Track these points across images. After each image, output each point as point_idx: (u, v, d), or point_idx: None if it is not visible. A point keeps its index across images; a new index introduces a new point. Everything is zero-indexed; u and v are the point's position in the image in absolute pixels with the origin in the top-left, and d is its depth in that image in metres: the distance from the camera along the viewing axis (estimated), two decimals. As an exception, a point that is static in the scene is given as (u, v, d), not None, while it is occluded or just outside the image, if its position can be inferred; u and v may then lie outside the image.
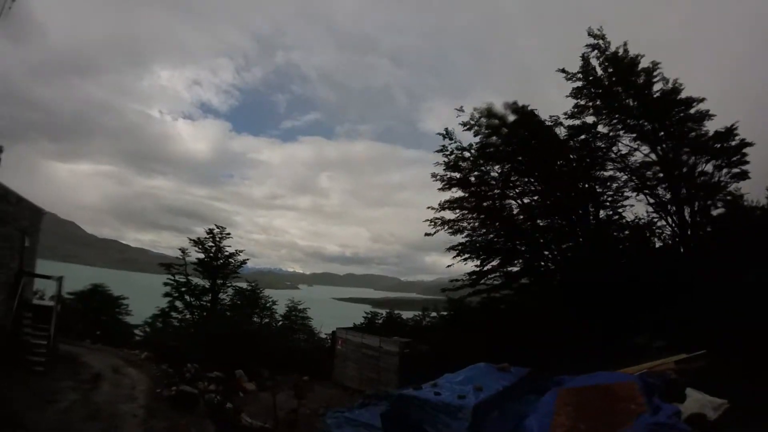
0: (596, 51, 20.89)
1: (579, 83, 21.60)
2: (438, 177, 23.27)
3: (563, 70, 21.70)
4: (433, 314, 30.29)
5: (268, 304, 30.34)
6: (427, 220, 22.71)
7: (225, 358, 16.01)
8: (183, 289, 27.76)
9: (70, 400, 11.68)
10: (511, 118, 22.21)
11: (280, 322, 29.97)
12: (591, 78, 21.31)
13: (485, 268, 21.95)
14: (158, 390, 13.84)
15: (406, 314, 34.27)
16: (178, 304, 27.76)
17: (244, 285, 30.19)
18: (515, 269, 22.47)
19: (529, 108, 21.91)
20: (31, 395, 11.24)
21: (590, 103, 21.58)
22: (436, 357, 16.63)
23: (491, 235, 22.94)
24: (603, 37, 20.67)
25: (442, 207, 23.10)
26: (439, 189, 23.26)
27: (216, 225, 29.04)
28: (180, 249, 28.59)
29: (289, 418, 11.76)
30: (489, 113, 22.49)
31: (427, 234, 22.53)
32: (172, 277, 27.94)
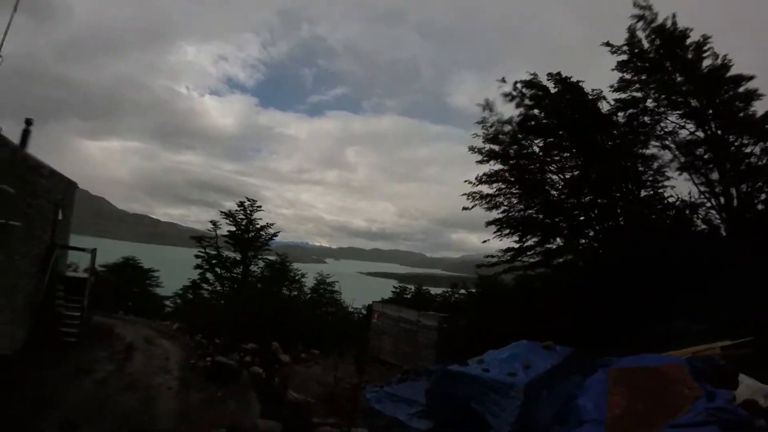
0: (642, 22, 19.42)
1: (624, 56, 20.10)
2: (476, 149, 22.55)
3: (608, 44, 20.30)
4: (462, 291, 29.94)
5: (297, 277, 30.12)
6: (465, 194, 21.87)
7: (258, 330, 15.64)
8: (214, 261, 27.65)
9: (104, 371, 11.45)
10: (554, 89, 21.22)
11: (309, 295, 29.79)
12: (637, 51, 19.91)
13: (524, 245, 21.05)
14: (192, 361, 13.56)
15: (434, 290, 34.03)
16: (209, 276, 27.72)
17: (273, 258, 30.01)
18: (553, 247, 21.55)
19: (573, 79, 20.80)
20: (65, 367, 11.03)
21: (636, 77, 20.24)
22: (474, 333, 16.09)
23: (530, 211, 22.03)
24: (650, 8, 19.21)
25: (480, 181, 22.35)
26: (478, 162, 22.45)
27: (247, 198, 28.81)
28: (211, 222, 28.35)
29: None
30: (531, 84, 21.49)
31: (464, 208, 21.51)
32: (203, 250, 27.83)
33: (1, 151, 9.79)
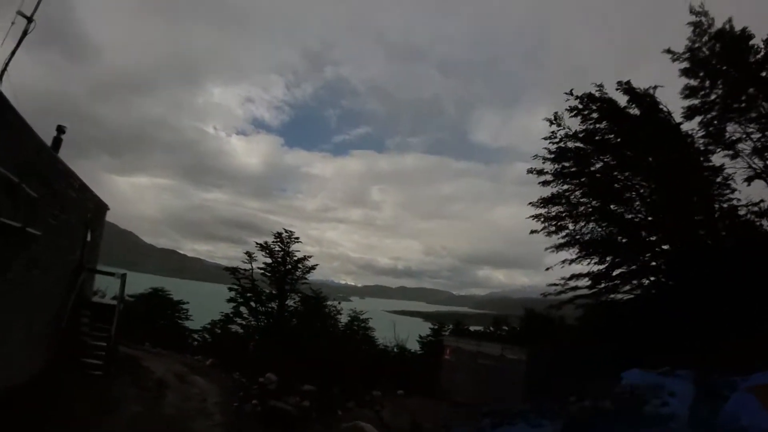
0: (697, 29, 18.95)
1: (685, 64, 19.51)
2: (536, 171, 21.13)
3: (669, 51, 19.83)
4: (504, 327, 28.57)
5: (332, 313, 27.94)
6: (531, 216, 20.45)
7: (309, 369, 13.31)
8: (249, 294, 25.72)
9: (133, 412, 9.32)
10: (623, 101, 20.16)
11: (344, 332, 27.56)
12: (696, 59, 19.36)
13: (599, 269, 18.89)
14: (235, 404, 11.32)
15: (474, 327, 32.50)
16: (242, 309, 25.76)
17: (306, 293, 28.01)
18: (633, 267, 19.52)
19: (645, 90, 19.59)
20: (87, 403, 8.95)
21: (700, 83, 19.53)
22: (564, 366, 13.94)
23: (600, 230, 20.22)
24: (706, 13, 18.62)
25: (546, 202, 20.89)
26: (540, 183, 20.86)
27: (284, 229, 27.01)
28: (246, 252, 26.46)
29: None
30: (594, 98, 20.30)
31: (533, 231, 20.30)
32: (237, 282, 25.96)
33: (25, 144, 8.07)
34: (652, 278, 19.38)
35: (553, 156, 20.30)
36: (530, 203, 20.89)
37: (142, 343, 21.65)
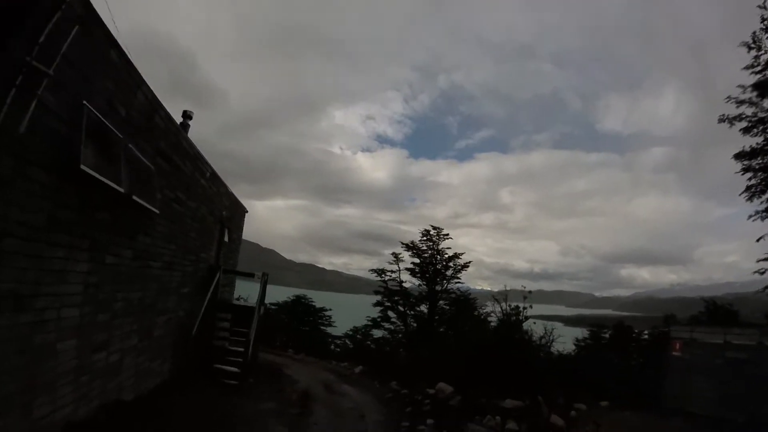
0: None
1: None
2: (729, 119, 15.89)
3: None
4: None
5: (482, 316, 24.25)
6: (740, 170, 15.13)
7: (490, 379, 9.78)
8: (396, 297, 23.35)
9: None
10: None
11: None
12: None
13: None
14: (405, 424, 8.24)
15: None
16: (390, 314, 23.46)
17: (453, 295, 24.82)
18: None
19: None
20: (213, 422, 6.48)
21: None
22: None
23: None
24: None
25: (752, 155, 15.63)
26: (741, 131, 15.82)
27: (432, 226, 24.19)
28: (393, 254, 24.23)
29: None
30: None
31: (742, 192, 15.24)
32: (384, 284, 23.78)
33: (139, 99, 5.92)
34: None
35: (758, 90, 14.60)
36: (734, 156, 15.96)
37: (285, 349, 20.32)
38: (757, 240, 14.94)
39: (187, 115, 10.63)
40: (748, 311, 19.61)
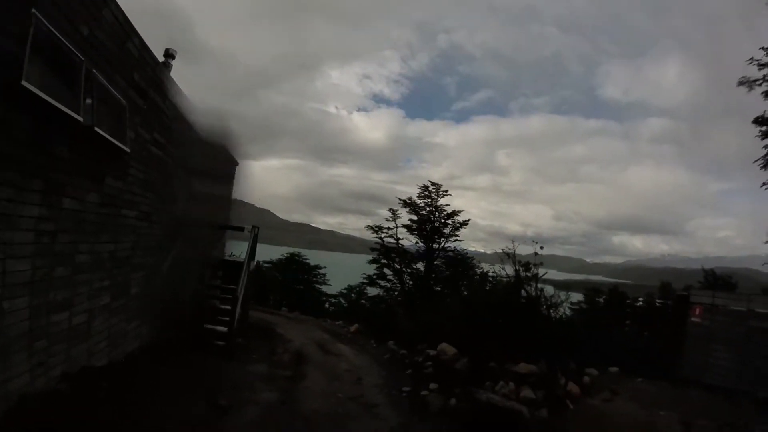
0: None
1: None
2: (748, 82, 14.80)
3: None
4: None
5: (476, 276, 23.87)
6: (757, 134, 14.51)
7: (498, 341, 9.19)
8: (393, 254, 22.80)
9: (261, 405, 6.06)
10: None
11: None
12: None
13: None
14: (406, 389, 7.69)
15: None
16: (386, 271, 23.03)
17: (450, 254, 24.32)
18: None
19: None
20: (198, 389, 5.87)
21: None
22: None
23: None
24: None
25: None
26: (764, 94, 14.76)
27: (431, 182, 23.39)
28: (390, 210, 23.43)
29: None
30: None
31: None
32: (381, 241, 23.14)
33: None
34: None
35: None
36: (753, 120, 15.24)
37: (278, 308, 19.92)
38: None
39: (169, 54, 9.46)
40: (740, 287, 19.55)
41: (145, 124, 6.39)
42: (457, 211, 22.86)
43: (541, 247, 11.62)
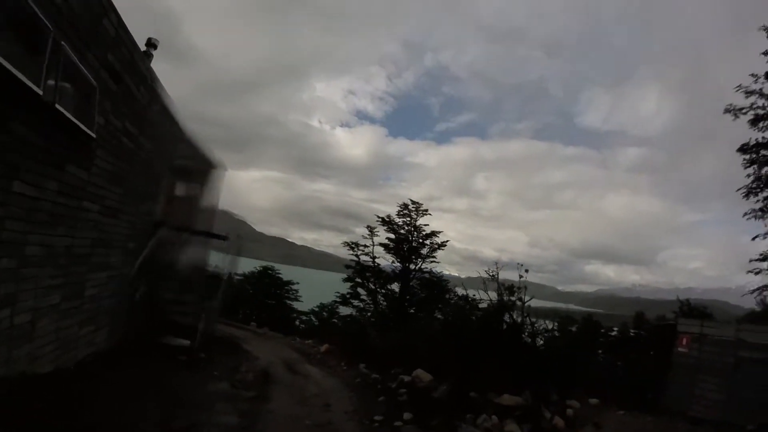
0: None
1: None
2: (734, 110, 15.51)
3: None
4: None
5: (452, 300, 23.55)
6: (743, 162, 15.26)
7: (479, 369, 8.72)
8: (368, 273, 22.29)
9: (220, 428, 5.49)
10: None
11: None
12: None
13: None
14: (377, 417, 7.16)
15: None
16: (360, 291, 22.51)
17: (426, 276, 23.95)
18: None
19: None
20: (152, 406, 5.29)
21: None
22: None
23: None
24: None
25: (759, 147, 15.81)
26: (750, 123, 15.50)
27: (411, 200, 23.01)
28: (367, 227, 23.07)
29: None
30: None
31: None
32: (357, 258, 22.59)
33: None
34: None
35: None
36: (738, 149, 15.70)
37: (247, 322, 19.16)
38: (753, 239, 15.82)
39: (151, 43, 8.95)
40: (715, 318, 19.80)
41: (117, 111, 5.92)
42: (436, 232, 22.60)
43: (527, 271, 11.38)
